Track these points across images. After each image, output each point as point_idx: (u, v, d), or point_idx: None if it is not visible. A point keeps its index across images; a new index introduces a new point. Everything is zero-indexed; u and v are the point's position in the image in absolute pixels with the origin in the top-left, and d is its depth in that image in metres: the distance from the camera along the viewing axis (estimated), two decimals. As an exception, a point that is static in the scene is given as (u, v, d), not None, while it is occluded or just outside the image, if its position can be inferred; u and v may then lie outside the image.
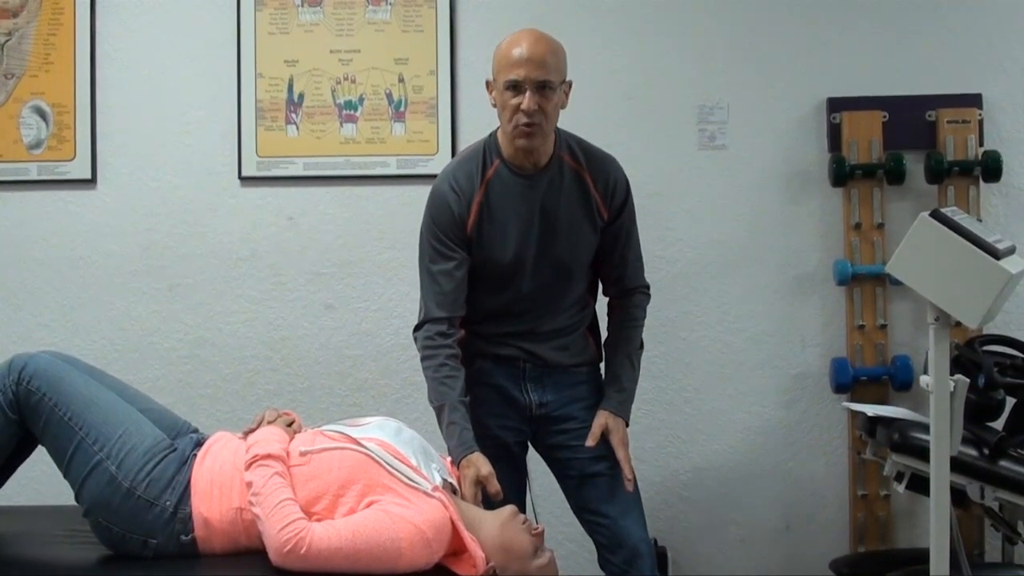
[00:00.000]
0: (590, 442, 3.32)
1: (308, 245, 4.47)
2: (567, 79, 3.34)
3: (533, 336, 3.44)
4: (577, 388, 3.47)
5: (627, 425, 3.41)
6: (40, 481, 3.24)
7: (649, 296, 3.58)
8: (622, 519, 3.42)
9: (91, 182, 4.47)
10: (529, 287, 3.39)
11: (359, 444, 2.83)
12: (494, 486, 3.08)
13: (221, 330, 4.48)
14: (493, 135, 3.42)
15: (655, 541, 4.37)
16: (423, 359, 3.34)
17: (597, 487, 3.41)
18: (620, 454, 3.33)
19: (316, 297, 4.46)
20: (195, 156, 4.47)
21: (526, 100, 3.21)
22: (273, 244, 4.47)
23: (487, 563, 2.79)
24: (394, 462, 2.80)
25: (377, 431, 2.92)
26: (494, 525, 2.87)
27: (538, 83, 3.22)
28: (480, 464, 3.12)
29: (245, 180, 4.46)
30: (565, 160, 3.39)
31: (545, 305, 3.43)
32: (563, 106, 3.35)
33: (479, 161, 3.38)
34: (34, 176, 4.47)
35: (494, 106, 3.34)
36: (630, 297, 3.54)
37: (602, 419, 3.36)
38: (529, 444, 3.56)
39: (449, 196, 3.34)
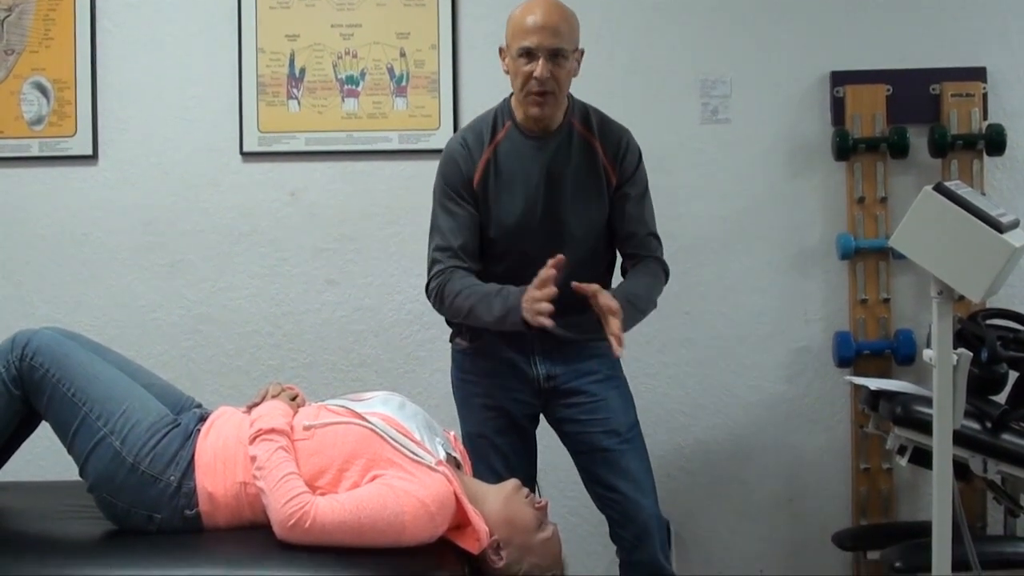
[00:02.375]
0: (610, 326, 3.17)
1: (310, 220, 4.46)
2: (579, 47, 3.36)
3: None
4: (588, 362, 3.45)
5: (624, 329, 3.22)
6: (44, 457, 3.25)
7: (665, 275, 3.50)
8: (633, 495, 3.44)
9: (92, 158, 4.46)
10: (536, 252, 3.29)
11: (363, 419, 2.83)
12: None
13: (223, 306, 4.48)
14: (507, 99, 3.44)
15: (658, 515, 4.40)
16: (443, 286, 3.32)
17: (608, 462, 3.42)
18: (612, 326, 3.17)
19: (318, 272, 4.46)
20: (196, 132, 4.47)
21: (539, 67, 3.23)
22: (275, 220, 4.47)
23: (490, 536, 2.79)
24: (398, 436, 2.80)
25: (381, 406, 2.92)
26: (497, 499, 2.87)
27: (551, 51, 3.24)
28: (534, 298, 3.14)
29: (247, 155, 4.45)
30: (576, 126, 3.41)
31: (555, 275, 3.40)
32: (575, 74, 3.37)
33: (490, 122, 3.42)
34: (35, 152, 4.46)
35: (507, 72, 3.36)
36: (642, 259, 3.48)
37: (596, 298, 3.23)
38: (541, 417, 3.57)
39: (457, 153, 3.38)
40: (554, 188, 3.36)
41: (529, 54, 3.24)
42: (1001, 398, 3.81)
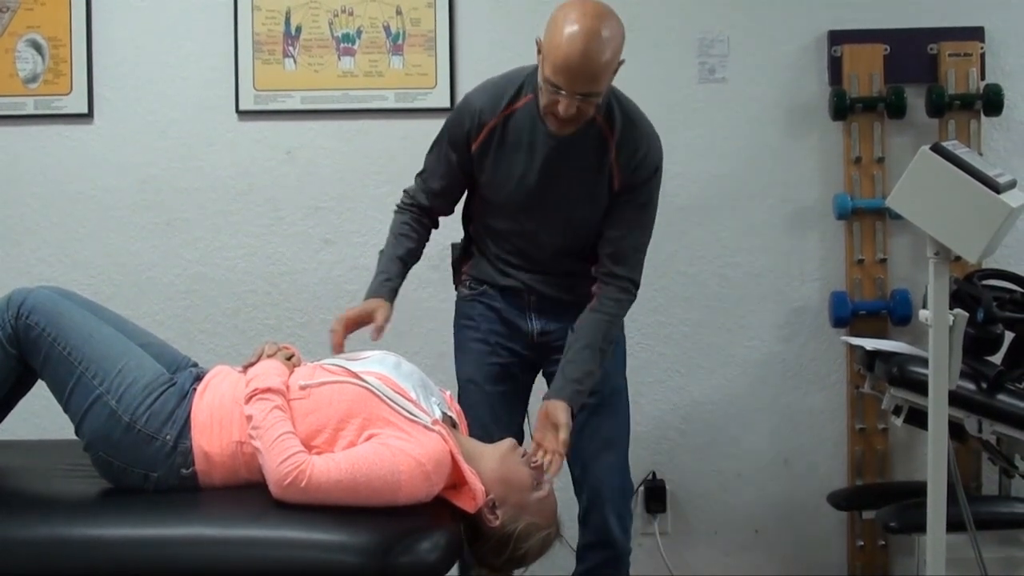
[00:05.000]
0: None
1: (306, 179, 4.45)
2: (620, 60, 3.09)
3: (536, 271, 3.41)
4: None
5: (573, 416, 3.18)
6: (40, 415, 3.25)
7: (634, 295, 3.37)
8: (592, 460, 3.40)
9: (88, 116, 4.44)
10: (531, 227, 3.34)
11: (359, 378, 2.83)
12: (378, 323, 3.20)
13: (219, 265, 4.47)
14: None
15: (653, 474, 4.41)
16: (395, 211, 3.45)
17: (579, 420, 3.30)
18: (557, 440, 3.09)
19: (315, 231, 4.45)
20: (192, 90, 4.45)
21: (563, 105, 3.02)
22: (271, 178, 4.46)
23: (486, 495, 2.80)
24: (394, 396, 2.80)
25: (377, 365, 2.92)
26: (493, 458, 2.88)
27: (582, 94, 3.01)
28: (377, 308, 3.21)
29: (243, 114, 4.44)
30: (596, 119, 3.19)
31: (550, 247, 3.39)
32: (610, 82, 3.13)
33: (514, 89, 3.26)
34: (30, 111, 4.45)
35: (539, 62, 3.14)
36: (611, 286, 3.32)
37: (544, 410, 3.17)
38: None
39: (467, 113, 3.29)
40: (551, 173, 3.26)
41: (558, 89, 3.01)
42: (997, 359, 3.82)
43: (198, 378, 2.96)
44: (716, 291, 4.44)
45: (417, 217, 3.42)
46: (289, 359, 3.00)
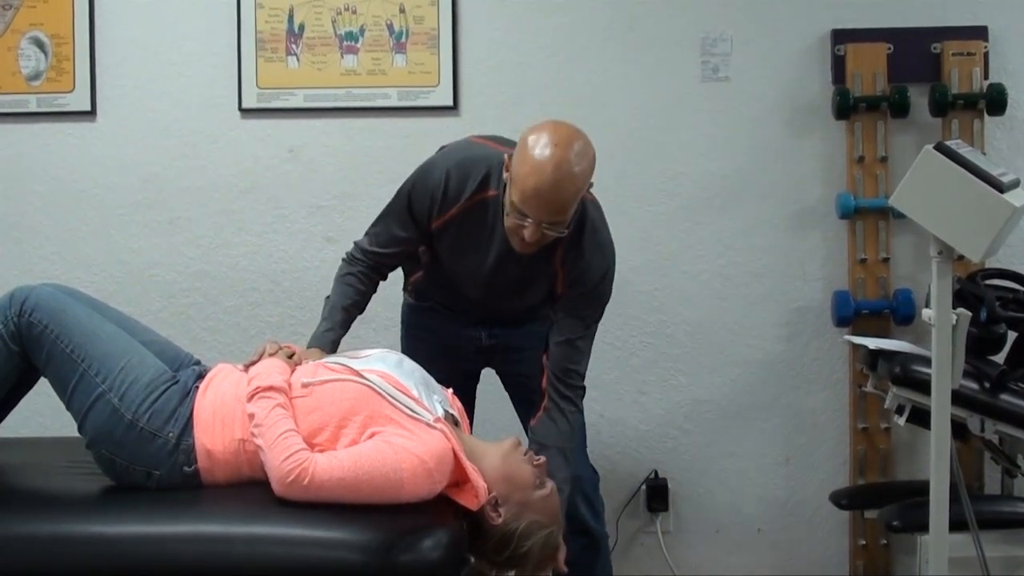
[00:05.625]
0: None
1: (309, 177, 4.45)
2: (591, 184, 3.08)
3: (488, 316, 3.49)
4: (531, 324, 3.45)
5: None
6: (44, 413, 3.26)
7: (581, 410, 3.33)
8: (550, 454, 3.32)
9: (91, 114, 4.44)
10: (479, 295, 3.38)
11: (361, 376, 2.83)
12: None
13: (222, 263, 4.47)
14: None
15: (655, 473, 4.41)
16: (344, 260, 3.41)
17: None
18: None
19: (317, 230, 4.45)
20: (195, 88, 4.45)
21: (529, 232, 2.97)
22: (274, 176, 4.46)
23: (489, 493, 2.80)
24: (396, 393, 2.81)
25: (379, 363, 2.93)
26: (496, 456, 2.88)
27: (548, 223, 2.97)
28: (308, 357, 3.08)
29: (245, 112, 4.43)
30: None
31: (498, 309, 3.44)
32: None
33: (481, 175, 3.18)
34: (33, 108, 4.45)
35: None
36: (560, 403, 3.25)
37: None
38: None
39: (435, 189, 3.21)
40: (505, 266, 3.22)
41: (524, 216, 2.96)
42: (1000, 358, 3.82)
43: (200, 376, 2.97)
44: (718, 290, 4.44)
45: (364, 272, 3.35)
46: (290, 357, 3.00)
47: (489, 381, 3.69)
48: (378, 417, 2.76)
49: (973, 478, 4.24)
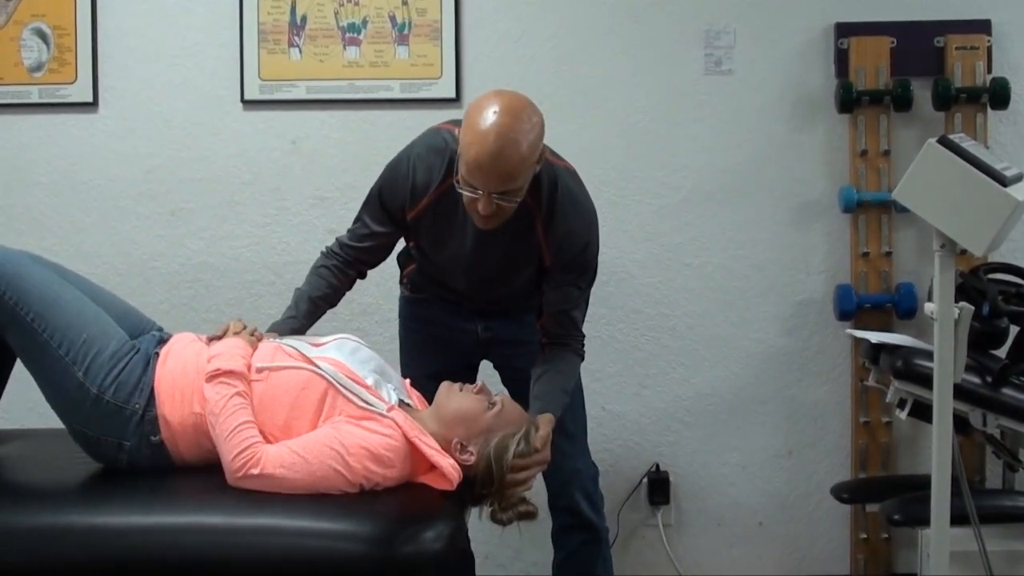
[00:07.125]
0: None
1: (311, 169, 4.45)
2: (538, 159, 3.00)
3: (480, 306, 3.48)
4: (528, 315, 3.42)
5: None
6: (43, 405, 3.25)
7: (582, 355, 3.33)
8: (554, 450, 3.22)
9: (93, 105, 4.44)
10: (464, 286, 3.38)
11: (313, 364, 2.84)
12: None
13: (224, 254, 4.47)
14: None
15: (657, 466, 4.41)
16: (322, 253, 3.38)
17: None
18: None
19: (319, 222, 4.45)
20: (197, 79, 4.45)
21: (482, 204, 2.92)
22: (276, 168, 4.46)
23: (452, 442, 2.81)
24: (347, 383, 2.81)
25: (334, 351, 2.93)
26: (437, 409, 2.90)
27: (498, 192, 2.91)
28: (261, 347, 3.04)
29: (247, 104, 4.43)
30: (525, 198, 3.05)
31: (487, 299, 3.44)
32: (531, 174, 3.01)
33: (446, 161, 3.14)
34: (35, 99, 4.45)
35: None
36: (561, 349, 3.27)
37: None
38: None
39: (402, 182, 3.21)
40: (485, 248, 3.19)
41: (474, 188, 2.92)
42: (1002, 352, 3.82)
43: (162, 342, 2.97)
44: (721, 283, 4.44)
45: (339, 266, 3.33)
46: (252, 335, 3.01)
47: (488, 377, 3.68)
48: (328, 407, 2.77)
49: (974, 472, 4.24)
